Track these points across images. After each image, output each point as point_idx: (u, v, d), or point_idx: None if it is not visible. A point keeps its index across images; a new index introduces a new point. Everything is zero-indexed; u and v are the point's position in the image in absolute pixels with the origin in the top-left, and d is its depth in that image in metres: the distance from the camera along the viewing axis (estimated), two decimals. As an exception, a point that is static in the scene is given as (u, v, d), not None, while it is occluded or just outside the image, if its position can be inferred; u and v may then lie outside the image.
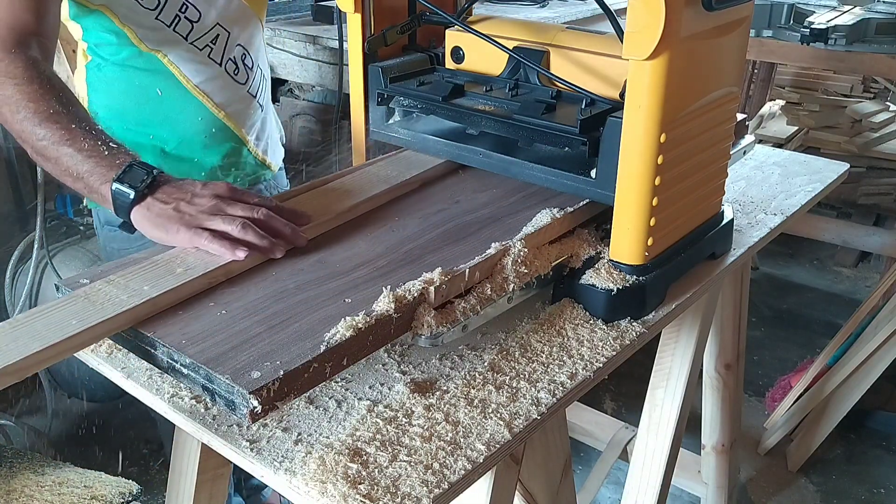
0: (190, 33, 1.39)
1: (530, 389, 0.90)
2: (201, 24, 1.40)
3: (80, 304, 0.88)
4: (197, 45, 1.41)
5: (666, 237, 1.07)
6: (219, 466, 1.19)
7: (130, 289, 0.90)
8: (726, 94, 1.10)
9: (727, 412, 1.83)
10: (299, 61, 2.79)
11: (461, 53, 1.25)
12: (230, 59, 1.47)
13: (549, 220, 1.06)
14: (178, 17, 1.37)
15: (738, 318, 1.71)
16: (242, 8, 1.46)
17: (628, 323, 1.03)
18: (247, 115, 1.54)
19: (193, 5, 1.38)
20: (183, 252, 0.98)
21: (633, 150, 0.97)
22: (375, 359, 0.96)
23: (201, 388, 0.81)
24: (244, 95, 1.52)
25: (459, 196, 1.18)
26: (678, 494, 2.21)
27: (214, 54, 1.44)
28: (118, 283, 0.91)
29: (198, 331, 0.85)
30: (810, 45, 2.62)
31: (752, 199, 1.43)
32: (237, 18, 1.46)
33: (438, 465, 0.79)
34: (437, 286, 0.91)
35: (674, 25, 0.90)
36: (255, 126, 1.57)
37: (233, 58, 1.47)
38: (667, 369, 1.48)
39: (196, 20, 1.39)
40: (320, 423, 0.86)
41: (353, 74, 1.27)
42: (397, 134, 1.27)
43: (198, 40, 1.41)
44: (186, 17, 1.38)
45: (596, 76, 1.12)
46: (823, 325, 3.10)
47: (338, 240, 1.06)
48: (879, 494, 2.34)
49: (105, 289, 0.90)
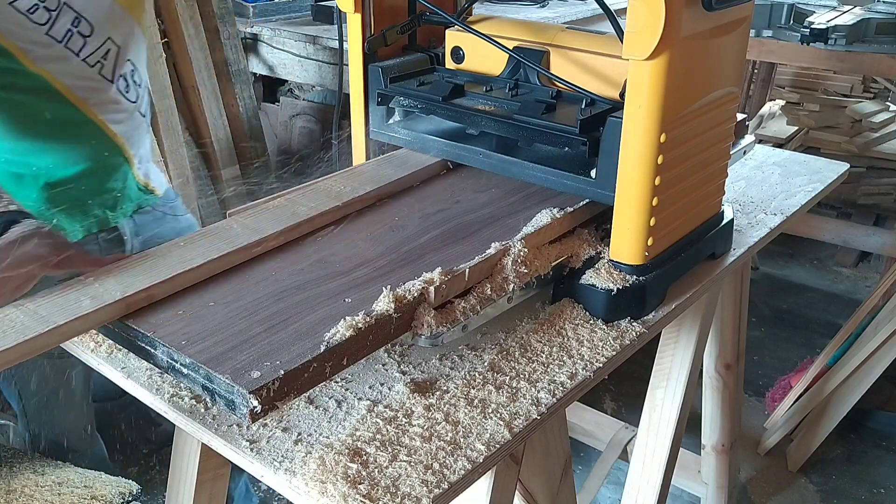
0: (82, 49, 1.30)
1: (530, 389, 0.90)
2: (93, 39, 1.31)
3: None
4: (88, 61, 1.32)
5: (666, 237, 1.07)
6: (219, 466, 1.19)
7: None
8: (726, 94, 1.10)
9: (727, 412, 1.83)
10: (299, 61, 2.79)
11: (461, 53, 1.25)
12: (121, 76, 1.38)
13: (549, 220, 1.06)
14: (70, 31, 1.28)
15: (738, 318, 1.71)
16: (129, 21, 1.38)
17: (628, 323, 1.03)
18: (137, 136, 1.46)
19: (86, 19, 1.29)
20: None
21: (633, 150, 0.97)
22: (375, 359, 0.96)
23: (201, 388, 0.81)
24: (135, 115, 1.44)
25: (459, 196, 1.18)
26: (678, 494, 2.21)
27: (105, 71, 1.35)
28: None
29: (198, 331, 0.85)
30: (810, 45, 2.62)
31: (752, 199, 1.43)
32: (126, 32, 1.37)
33: (438, 465, 0.79)
34: (437, 286, 0.91)
35: (674, 25, 0.90)
36: (142, 148, 1.49)
37: (123, 74, 1.39)
38: (667, 369, 1.48)
39: (88, 34, 1.30)
40: (320, 423, 0.86)
41: (353, 74, 1.27)
42: (397, 134, 1.27)
43: (90, 56, 1.32)
44: (79, 31, 1.28)
45: (596, 76, 1.12)
46: (823, 325, 3.09)
47: (338, 240, 1.06)
48: (879, 494, 2.34)
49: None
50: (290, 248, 1.04)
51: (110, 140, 1.40)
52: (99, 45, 1.32)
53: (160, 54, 2.34)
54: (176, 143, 2.42)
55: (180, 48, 2.53)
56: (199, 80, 2.59)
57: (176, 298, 0.92)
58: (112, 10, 1.34)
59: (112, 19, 1.34)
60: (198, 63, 2.59)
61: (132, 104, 1.43)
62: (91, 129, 1.37)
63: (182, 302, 0.91)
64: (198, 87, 2.59)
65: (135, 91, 1.42)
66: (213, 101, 2.65)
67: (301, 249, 1.02)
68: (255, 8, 2.85)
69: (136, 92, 1.43)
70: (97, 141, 1.38)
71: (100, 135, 1.38)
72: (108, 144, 1.40)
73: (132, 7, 1.38)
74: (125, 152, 1.43)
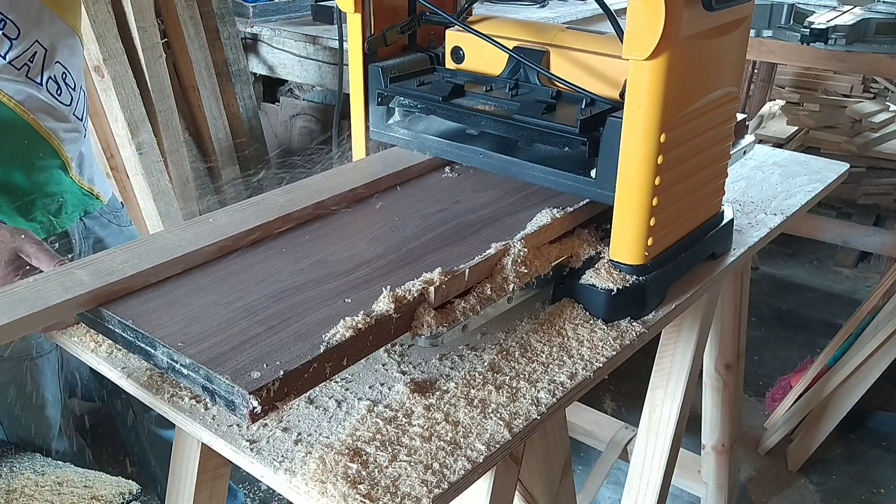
0: (9, 52, 1.30)
1: (530, 389, 0.90)
2: (20, 42, 1.30)
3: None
4: (15, 64, 1.31)
5: (666, 237, 1.07)
6: (219, 466, 1.19)
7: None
8: (726, 95, 1.10)
9: (727, 412, 1.83)
10: (299, 61, 2.79)
11: (461, 53, 1.25)
12: (50, 79, 1.37)
13: (549, 219, 1.06)
14: None
15: (738, 318, 1.71)
16: (59, 23, 1.37)
17: (628, 323, 1.03)
18: (73, 139, 1.44)
19: (12, 21, 1.28)
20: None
21: (633, 150, 0.97)
22: (375, 359, 0.96)
23: (201, 388, 0.81)
24: (70, 118, 1.43)
25: (459, 196, 1.18)
26: (678, 494, 2.21)
27: (33, 73, 1.34)
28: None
29: (198, 331, 0.85)
30: (810, 45, 2.62)
31: (752, 199, 1.43)
32: (55, 34, 1.36)
33: (438, 465, 0.79)
34: (437, 286, 0.91)
35: (674, 25, 0.90)
36: (81, 152, 1.48)
37: (53, 76, 1.37)
38: (667, 369, 1.48)
39: (15, 37, 1.29)
40: (320, 423, 0.86)
41: (353, 74, 1.27)
42: (397, 134, 1.27)
43: (16, 59, 1.31)
44: (5, 33, 1.28)
45: (596, 76, 1.12)
46: (823, 325, 3.10)
47: (338, 240, 1.06)
48: (879, 494, 2.34)
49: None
50: (291, 247, 1.04)
51: (45, 141, 1.39)
52: (27, 48, 1.32)
53: (160, 54, 2.34)
54: (176, 143, 2.42)
55: (180, 48, 2.53)
56: (199, 80, 2.59)
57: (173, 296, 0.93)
58: (41, 13, 1.33)
59: (40, 22, 1.33)
60: (198, 63, 2.59)
61: (66, 107, 1.41)
62: (24, 129, 1.36)
63: (182, 302, 0.91)
64: (198, 87, 2.59)
65: (68, 94, 1.41)
66: (213, 101, 2.65)
67: (301, 249, 1.02)
68: (255, 8, 2.85)
69: (69, 94, 1.41)
70: (31, 142, 1.37)
71: (33, 136, 1.37)
72: (42, 146, 1.39)
73: (64, 12, 1.37)
74: (61, 155, 1.43)
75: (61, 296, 0.89)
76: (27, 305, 0.88)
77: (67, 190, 1.47)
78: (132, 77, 2.25)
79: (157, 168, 2.32)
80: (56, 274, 0.94)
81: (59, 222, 1.46)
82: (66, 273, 0.94)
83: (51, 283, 0.92)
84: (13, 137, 1.36)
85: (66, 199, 1.46)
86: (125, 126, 2.23)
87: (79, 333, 0.98)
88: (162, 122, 2.36)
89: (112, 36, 2.20)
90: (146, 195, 2.29)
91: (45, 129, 1.38)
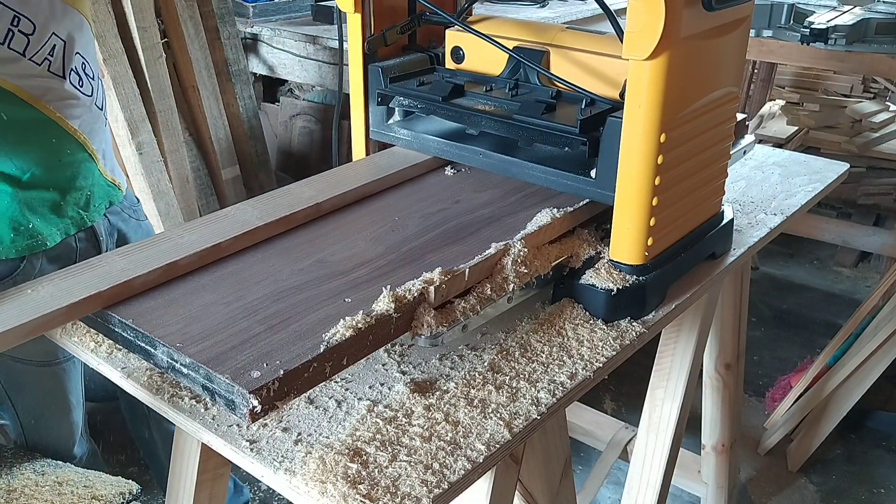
0: (27, 48, 1.28)
1: (530, 389, 0.90)
2: (37, 37, 1.29)
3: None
4: (35, 60, 1.30)
5: (666, 237, 1.07)
6: (219, 466, 1.19)
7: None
8: (726, 94, 1.10)
9: (727, 412, 1.83)
10: (299, 61, 2.79)
11: (461, 53, 1.25)
12: (72, 70, 1.36)
13: (549, 219, 1.06)
14: (10, 32, 1.25)
15: (738, 318, 1.71)
16: (73, 14, 1.35)
17: (628, 323, 1.03)
18: (97, 130, 1.43)
19: (26, 17, 1.26)
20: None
21: (633, 150, 0.97)
22: (375, 359, 0.96)
23: (201, 388, 0.81)
24: (92, 109, 1.42)
25: (459, 196, 1.18)
26: (678, 494, 2.21)
27: (55, 67, 1.33)
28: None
29: (198, 331, 0.85)
30: (810, 45, 2.62)
31: (752, 199, 1.43)
32: (70, 25, 1.34)
33: (438, 465, 0.79)
34: (437, 286, 0.91)
35: (674, 25, 0.90)
36: (103, 143, 1.48)
37: (74, 68, 1.36)
38: (667, 369, 1.48)
39: (31, 33, 1.27)
40: (320, 423, 0.86)
41: (353, 74, 1.27)
42: (397, 134, 1.27)
43: (35, 55, 1.30)
44: (20, 30, 1.26)
45: (596, 76, 1.12)
46: (823, 325, 3.09)
47: (338, 239, 1.06)
48: (879, 494, 2.34)
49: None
50: (291, 247, 1.04)
51: (71, 136, 1.38)
52: (44, 42, 1.30)
53: (160, 54, 2.34)
54: (176, 143, 2.42)
55: (180, 48, 2.52)
56: (199, 80, 2.59)
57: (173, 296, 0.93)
58: (53, 5, 1.32)
59: (54, 15, 1.32)
60: (198, 63, 2.59)
61: (88, 98, 1.41)
62: (50, 126, 1.35)
63: (182, 302, 0.92)
64: (198, 87, 2.58)
65: (88, 84, 1.40)
66: (213, 101, 2.65)
67: (301, 249, 1.02)
68: (255, 8, 2.85)
69: (90, 85, 1.41)
70: (58, 139, 1.36)
71: (60, 132, 1.36)
72: (69, 141, 1.38)
73: (75, 0, 1.36)
74: (88, 147, 1.42)
75: (62, 300, 0.89)
76: (28, 311, 0.88)
77: (95, 182, 1.46)
78: (132, 77, 2.25)
79: (157, 168, 2.32)
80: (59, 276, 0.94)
81: (89, 216, 1.45)
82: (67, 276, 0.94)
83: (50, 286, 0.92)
84: (40, 136, 1.35)
85: (93, 191, 1.46)
86: (125, 126, 2.23)
87: (79, 333, 0.97)
88: (162, 122, 2.36)
89: (112, 36, 2.20)
90: (146, 195, 2.29)
91: (71, 125, 1.38)
